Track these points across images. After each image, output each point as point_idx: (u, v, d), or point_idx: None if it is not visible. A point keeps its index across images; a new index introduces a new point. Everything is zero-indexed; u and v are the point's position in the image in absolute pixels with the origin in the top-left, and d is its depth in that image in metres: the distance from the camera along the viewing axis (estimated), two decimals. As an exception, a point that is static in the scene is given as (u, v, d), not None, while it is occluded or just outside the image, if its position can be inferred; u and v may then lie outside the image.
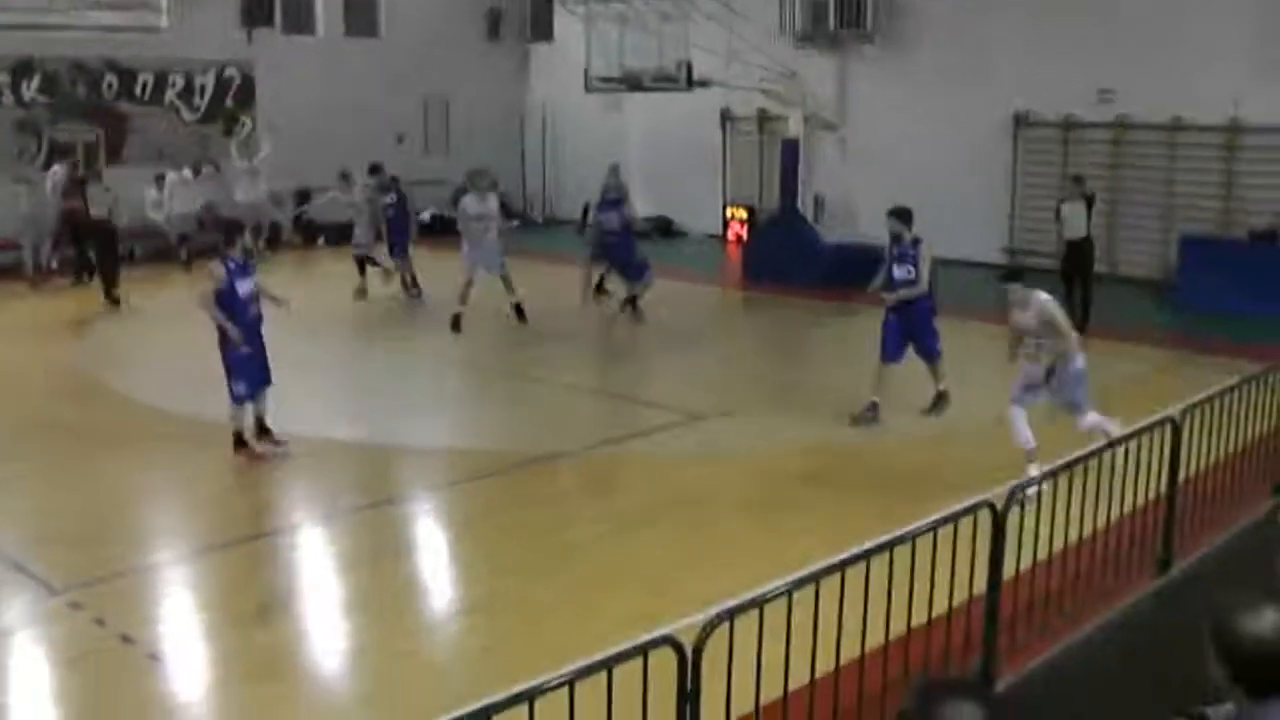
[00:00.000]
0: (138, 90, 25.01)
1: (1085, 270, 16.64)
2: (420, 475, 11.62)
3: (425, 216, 24.91)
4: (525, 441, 12.16)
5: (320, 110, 26.07)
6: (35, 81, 23.80)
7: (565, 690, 4.52)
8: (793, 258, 20.37)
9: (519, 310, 17.41)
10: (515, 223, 24.27)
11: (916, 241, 12.42)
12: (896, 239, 12.48)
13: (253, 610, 8.31)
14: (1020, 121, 22.03)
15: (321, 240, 25.85)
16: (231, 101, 26.23)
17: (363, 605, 8.56)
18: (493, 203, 17.76)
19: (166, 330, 17.22)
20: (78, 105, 24.28)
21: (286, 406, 11.99)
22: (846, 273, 17.33)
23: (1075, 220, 16.64)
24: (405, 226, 19.89)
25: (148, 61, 24.82)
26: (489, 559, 9.32)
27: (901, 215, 12.50)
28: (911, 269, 12.34)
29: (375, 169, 20.40)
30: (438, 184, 26.01)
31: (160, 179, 24.06)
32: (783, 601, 5.44)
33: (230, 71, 26.08)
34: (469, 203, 17.57)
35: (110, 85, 24.68)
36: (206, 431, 11.96)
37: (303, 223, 26.06)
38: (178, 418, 12.92)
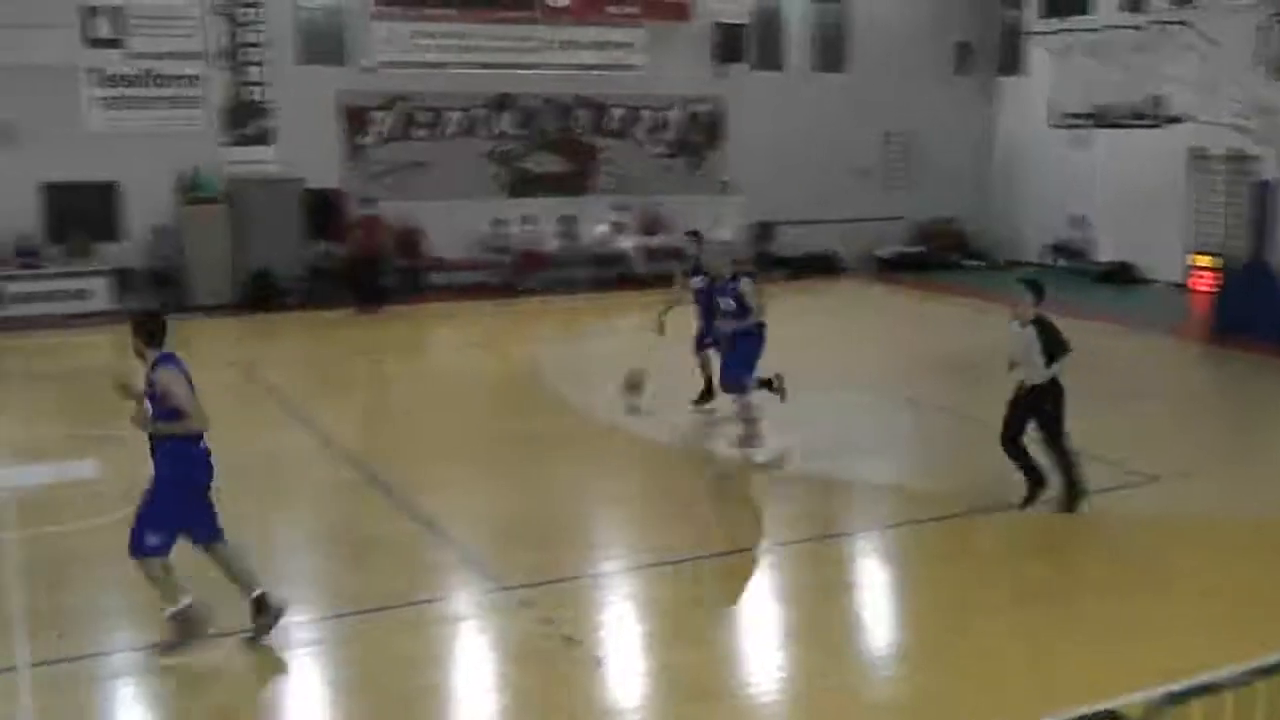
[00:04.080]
0: (609, 125, 26.45)
1: None
2: (869, 511, 11.52)
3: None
4: (969, 487, 11.72)
5: (783, 145, 26.72)
6: (509, 116, 25.65)
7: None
8: (1262, 311, 18.75)
9: None
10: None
11: None
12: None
13: (692, 628, 8.45)
14: None
15: (784, 272, 26.16)
16: (699, 136, 27.25)
17: (801, 637, 8.50)
18: None
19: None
20: (548, 139, 25.97)
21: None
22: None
23: None
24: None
25: (620, 97, 26.32)
26: (933, 604, 9.05)
27: None
28: None
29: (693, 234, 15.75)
30: (895, 220, 25.93)
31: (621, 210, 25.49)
32: (1245, 691, 4.86)
33: (700, 107, 27.14)
34: None
35: (581, 120, 26.24)
36: (660, 450, 12.34)
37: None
38: (632, 434, 13.44)
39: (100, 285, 21.99)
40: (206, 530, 8.09)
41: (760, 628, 8.79)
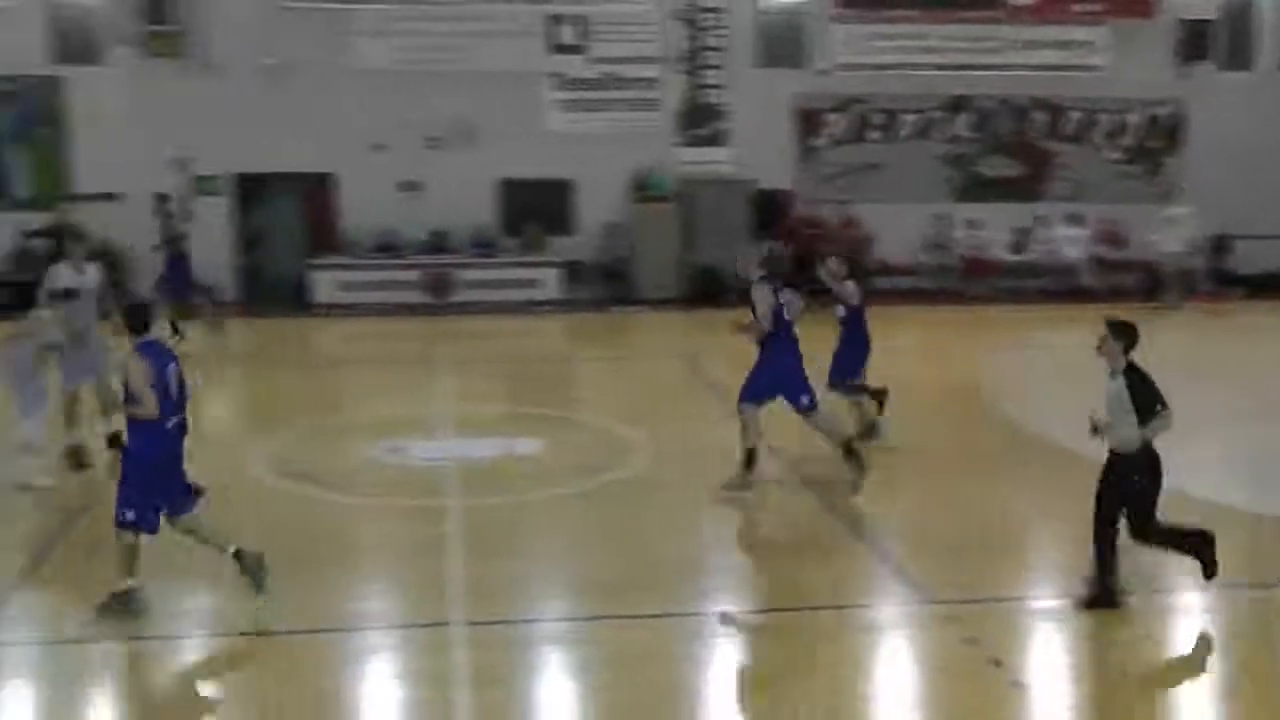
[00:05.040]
0: (1065, 128, 25.35)
1: None
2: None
3: None
4: None
5: (1248, 152, 24.60)
6: (964, 119, 25.03)
7: None
8: None
9: None
10: None
11: None
12: None
13: (1130, 668, 7.89)
14: None
15: (1241, 290, 24.35)
16: (1158, 141, 25.69)
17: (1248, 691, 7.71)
18: None
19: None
20: (1002, 142, 25.17)
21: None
22: None
23: None
24: None
25: (1077, 99, 25.21)
26: None
27: None
28: None
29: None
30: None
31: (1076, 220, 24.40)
32: None
33: (1159, 110, 25.59)
34: None
35: (1036, 123, 25.28)
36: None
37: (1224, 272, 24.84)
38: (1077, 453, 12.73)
39: (551, 276, 23.30)
40: (182, 503, 8.57)
41: (1213, 677, 8.03)
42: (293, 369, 18.90)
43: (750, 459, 11.06)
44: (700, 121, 24.45)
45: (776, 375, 11.04)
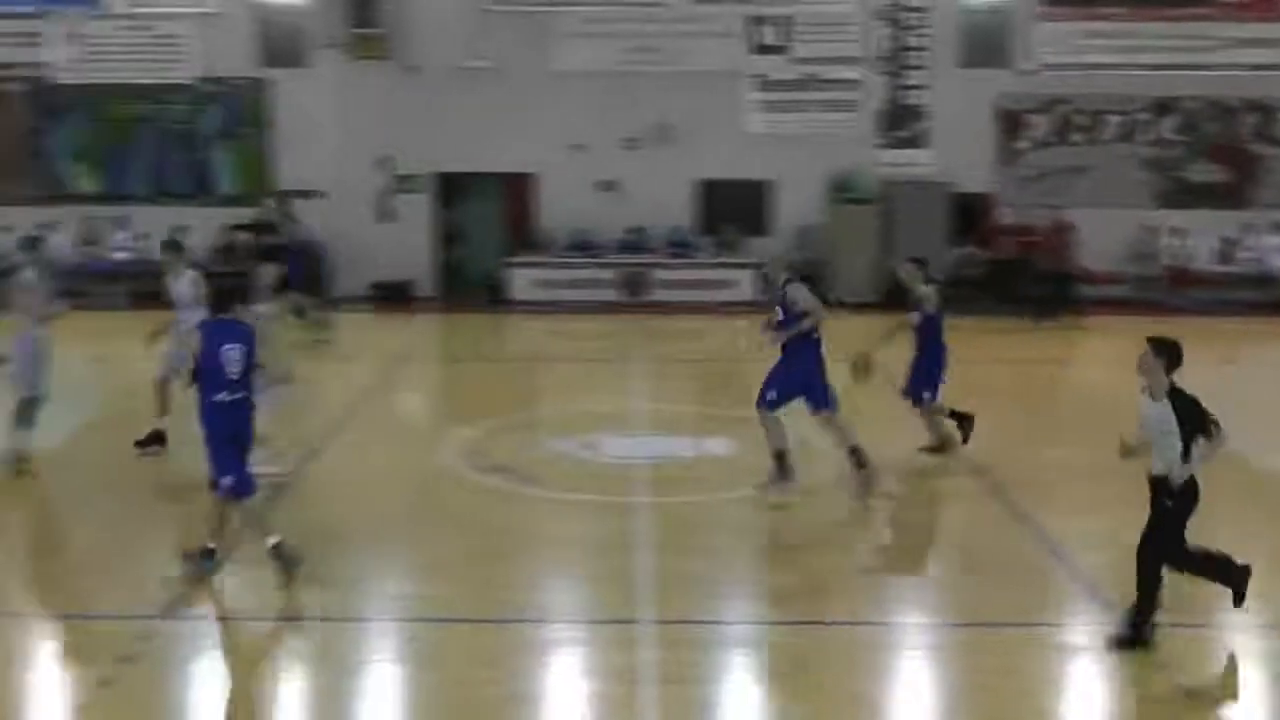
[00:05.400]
0: (1277, 131, 24.25)
1: None
2: None
3: None
4: None
5: None
6: (1170, 121, 24.19)
7: None
8: None
9: None
10: None
11: None
12: None
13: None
14: None
15: None
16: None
17: None
18: None
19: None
20: (1209, 146, 24.23)
21: None
22: None
23: None
24: None
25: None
26: None
27: None
28: None
29: None
30: None
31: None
32: None
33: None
34: None
35: (1246, 125, 24.26)
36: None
37: None
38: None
39: (745, 277, 23.28)
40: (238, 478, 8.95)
41: None
42: (489, 364, 19.40)
43: (782, 459, 11.08)
44: (901, 123, 24.17)
45: (799, 376, 11.12)
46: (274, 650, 8.40)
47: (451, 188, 24.35)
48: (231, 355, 8.90)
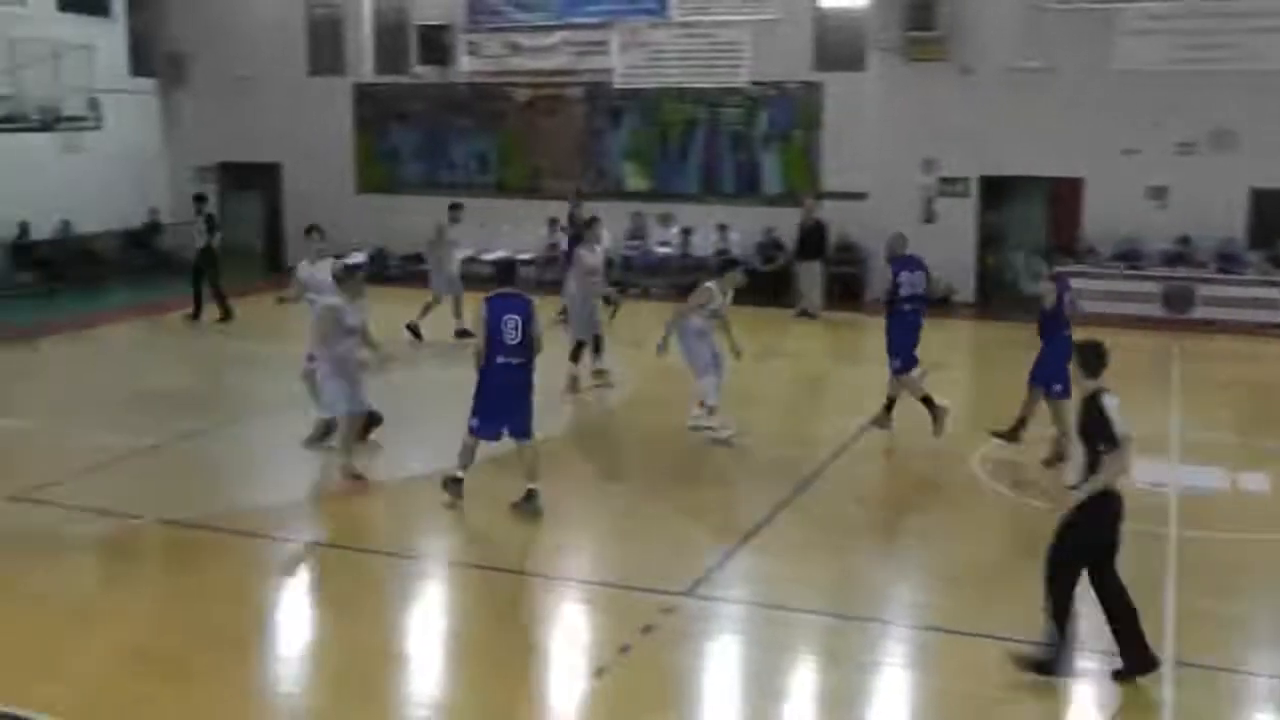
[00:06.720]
0: None
1: None
2: None
3: None
4: None
5: None
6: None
7: None
8: None
9: None
10: None
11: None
12: None
13: None
14: None
15: None
16: None
17: None
18: None
19: None
20: None
21: None
22: None
23: None
24: None
25: None
26: None
27: None
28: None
29: None
30: None
31: None
32: None
33: None
34: None
35: None
36: None
37: None
38: None
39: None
40: (512, 427, 11.08)
41: None
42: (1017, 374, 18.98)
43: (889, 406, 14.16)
44: None
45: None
46: (786, 640, 8.88)
47: (993, 191, 24.14)
48: (507, 324, 10.81)
